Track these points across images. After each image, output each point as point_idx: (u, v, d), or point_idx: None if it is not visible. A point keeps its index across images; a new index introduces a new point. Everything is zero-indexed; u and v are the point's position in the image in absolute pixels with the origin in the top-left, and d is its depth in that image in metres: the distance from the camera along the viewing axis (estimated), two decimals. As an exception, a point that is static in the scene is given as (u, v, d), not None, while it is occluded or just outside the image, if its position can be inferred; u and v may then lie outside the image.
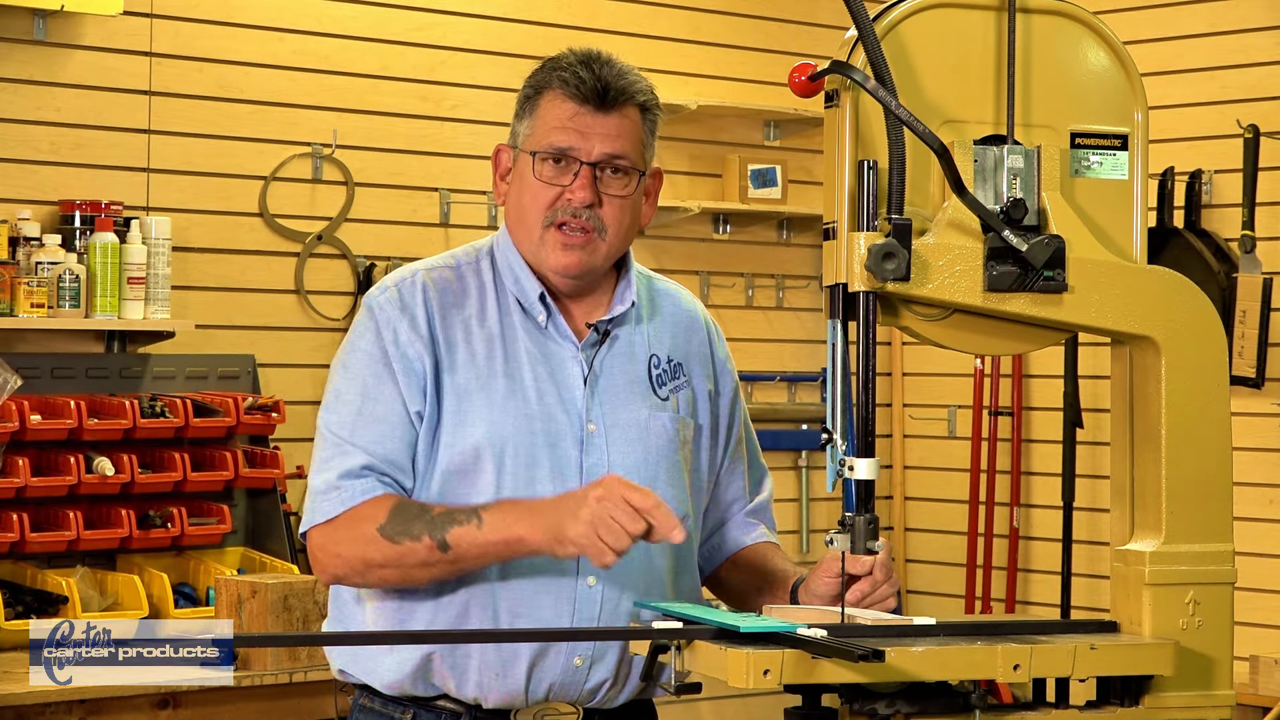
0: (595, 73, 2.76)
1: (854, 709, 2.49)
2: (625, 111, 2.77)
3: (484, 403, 2.73)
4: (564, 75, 2.77)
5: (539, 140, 2.77)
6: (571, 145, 2.75)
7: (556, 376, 2.78)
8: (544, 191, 2.76)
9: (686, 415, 2.86)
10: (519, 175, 2.80)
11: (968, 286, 2.60)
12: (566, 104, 2.76)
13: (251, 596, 4.67)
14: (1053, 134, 2.67)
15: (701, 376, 2.91)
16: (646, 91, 2.81)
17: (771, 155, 6.83)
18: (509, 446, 2.72)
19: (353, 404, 2.75)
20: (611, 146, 2.75)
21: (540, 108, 2.79)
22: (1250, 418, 6.06)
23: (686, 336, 2.92)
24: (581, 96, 2.75)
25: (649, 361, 2.85)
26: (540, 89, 2.80)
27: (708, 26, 6.75)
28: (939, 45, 2.64)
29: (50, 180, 5.34)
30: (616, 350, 2.83)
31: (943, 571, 7.09)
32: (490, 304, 2.80)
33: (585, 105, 2.75)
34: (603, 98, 2.75)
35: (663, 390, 2.85)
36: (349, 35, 5.92)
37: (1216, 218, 6.30)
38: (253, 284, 5.75)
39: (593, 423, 2.77)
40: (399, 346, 2.75)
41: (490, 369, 2.75)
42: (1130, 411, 2.71)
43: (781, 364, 6.98)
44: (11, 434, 4.97)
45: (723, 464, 2.96)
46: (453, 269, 2.84)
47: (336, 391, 2.78)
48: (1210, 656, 2.64)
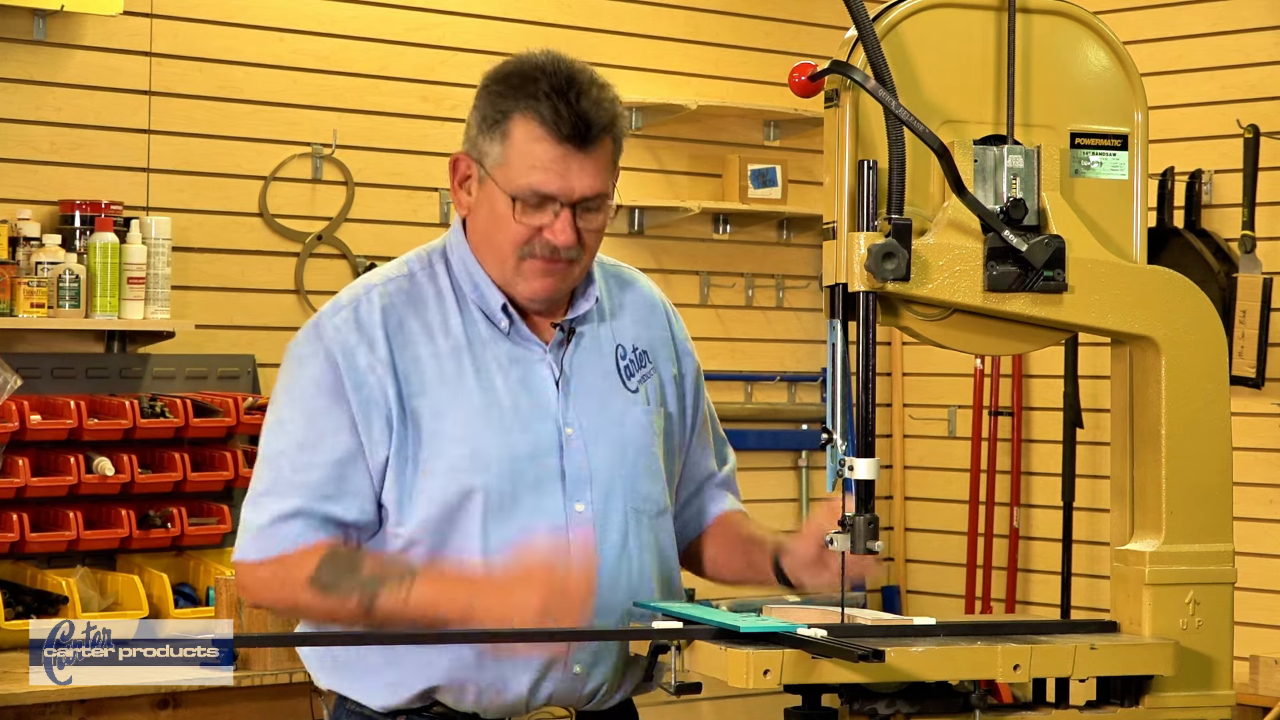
0: (574, 106, 2.60)
1: (854, 709, 2.49)
2: (603, 144, 2.64)
3: (461, 420, 2.67)
4: (541, 109, 2.60)
5: (516, 180, 2.63)
6: (554, 190, 2.62)
7: (528, 381, 2.72)
8: (521, 230, 2.65)
9: (657, 404, 2.83)
10: (489, 204, 2.67)
11: (968, 286, 2.60)
12: (545, 142, 2.61)
13: (251, 596, 4.66)
14: (1053, 134, 2.67)
15: (666, 360, 2.87)
16: (619, 110, 2.67)
17: (771, 155, 6.83)
18: (492, 465, 2.67)
19: (295, 436, 2.67)
20: (592, 187, 2.64)
21: (514, 138, 2.63)
22: (1250, 418, 6.06)
23: (648, 323, 2.87)
24: (562, 135, 2.60)
25: (616, 353, 2.81)
26: (510, 114, 2.63)
27: (708, 26, 6.75)
28: (939, 45, 2.64)
29: (50, 180, 5.34)
30: (584, 347, 2.78)
31: (943, 571, 7.09)
32: (451, 311, 2.72)
33: (565, 145, 2.61)
34: (585, 136, 2.61)
35: (632, 382, 2.81)
36: (349, 35, 5.92)
37: (1216, 218, 6.30)
38: (253, 284, 5.74)
39: (570, 426, 2.72)
40: (357, 374, 2.65)
41: (461, 384, 2.68)
42: (1130, 411, 2.71)
43: (781, 364, 6.98)
44: (11, 434, 4.96)
45: (690, 443, 2.92)
46: (407, 277, 2.74)
47: (280, 418, 2.69)
48: (1210, 656, 2.64)
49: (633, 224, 6.60)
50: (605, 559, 2.72)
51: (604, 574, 2.71)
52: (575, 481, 2.71)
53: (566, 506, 2.70)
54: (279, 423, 2.70)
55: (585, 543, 2.68)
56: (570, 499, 2.71)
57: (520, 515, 2.68)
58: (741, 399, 6.83)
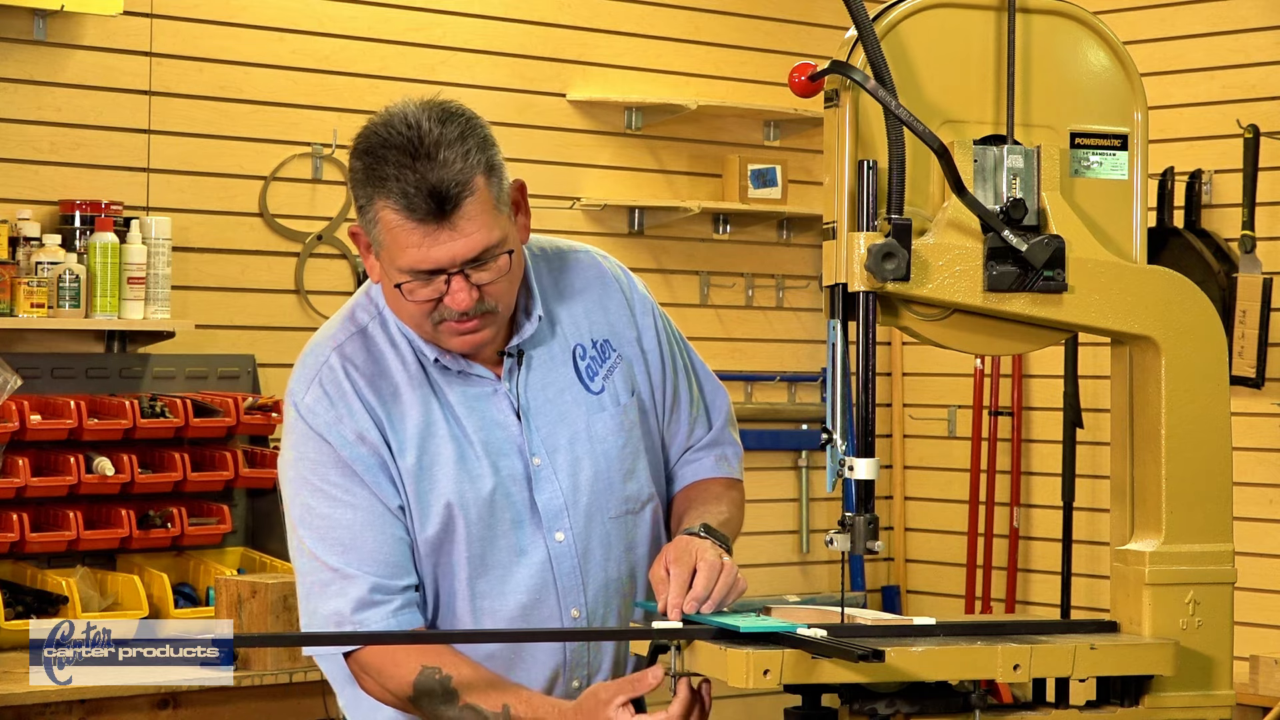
0: (425, 180, 2.49)
1: (854, 709, 2.49)
2: (468, 203, 2.52)
3: (442, 474, 2.65)
4: (393, 193, 2.51)
5: (396, 263, 2.55)
6: (430, 266, 2.54)
7: (490, 417, 2.68)
8: (420, 306, 2.59)
9: (626, 397, 2.76)
10: (388, 280, 2.60)
11: (968, 286, 2.60)
12: (405, 226, 2.51)
13: (251, 596, 4.67)
14: (1053, 134, 2.67)
15: (630, 338, 2.80)
16: (479, 152, 2.54)
17: (771, 155, 6.83)
18: (470, 510, 2.65)
19: (328, 519, 2.64)
20: (470, 249, 2.53)
21: (381, 224, 2.54)
22: (1250, 418, 6.06)
23: (603, 305, 2.79)
24: (419, 215, 2.50)
25: (574, 355, 2.75)
26: (373, 200, 2.53)
27: (708, 26, 6.75)
28: (939, 45, 2.64)
29: (50, 180, 5.35)
30: (537, 365, 2.73)
31: (943, 571, 7.09)
32: (409, 360, 2.68)
33: (427, 222, 2.51)
34: (442, 208, 2.50)
35: (596, 381, 2.75)
36: (349, 35, 5.92)
37: (1216, 218, 6.30)
38: (253, 284, 5.75)
39: (536, 455, 2.69)
40: (350, 445, 2.63)
41: (433, 434, 2.66)
42: (1130, 411, 2.71)
43: (781, 364, 6.98)
44: (11, 434, 4.97)
45: (672, 398, 2.83)
46: (360, 333, 2.69)
47: (305, 506, 2.65)
48: (1210, 656, 2.64)
49: (633, 224, 6.60)
50: (593, 579, 2.72)
51: (593, 592, 2.72)
52: (550, 512, 2.69)
53: (546, 539, 2.70)
54: (307, 511, 2.66)
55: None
56: (549, 530, 2.70)
57: (500, 557, 2.68)
58: (741, 399, 6.83)
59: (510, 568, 2.68)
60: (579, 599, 2.71)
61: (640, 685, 2.48)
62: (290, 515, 2.69)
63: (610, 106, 6.50)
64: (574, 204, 6.42)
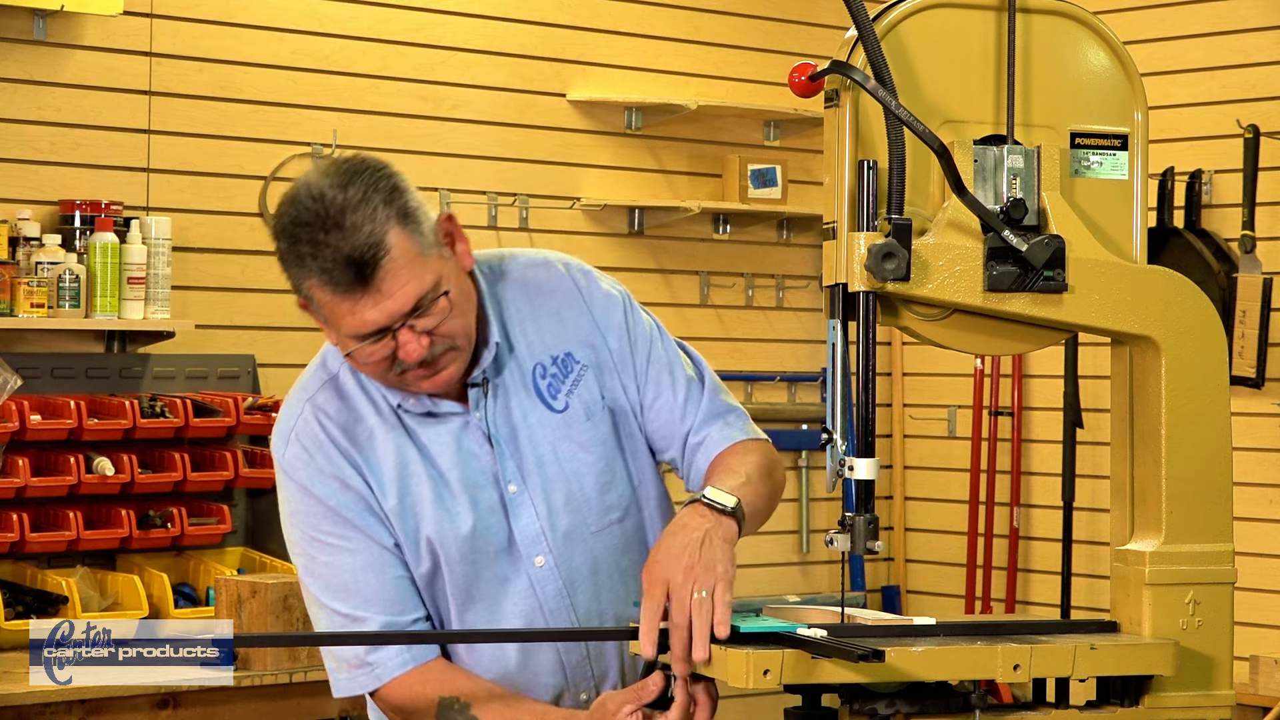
0: (336, 248, 2.50)
1: (854, 709, 2.49)
2: (386, 262, 2.50)
3: (424, 513, 2.67)
4: (314, 273, 2.53)
5: (339, 333, 2.58)
6: (371, 329, 2.53)
7: (466, 450, 2.68)
8: (378, 365, 2.59)
9: (596, 407, 2.72)
10: (343, 350, 2.61)
11: (968, 286, 2.60)
12: (335, 299, 2.53)
13: (251, 596, 4.67)
14: (1053, 134, 2.67)
15: (594, 345, 2.74)
16: (385, 207, 2.52)
17: (771, 155, 6.83)
18: (451, 548, 2.67)
19: (329, 566, 2.68)
20: (403, 306, 2.52)
21: (314, 301, 2.57)
22: (1250, 418, 6.06)
23: (559, 316, 2.74)
24: (343, 287, 2.51)
25: (534, 374, 2.71)
26: (301, 281, 2.57)
27: (708, 26, 6.75)
28: (939, 45, 2.64)
29: (50, 180, 5.35)
30: (503, 390, 2.70)
31: (943, 571, 7.09)
32: (381, 404, 2.69)
33: (352, 292, 2.51)
34: (361, 274, 2.50)
35: (559, 399, 2.71)
36: (349, 35, 5.92)
37: (1216, 218, 6.30)
38: (253, 284, 5.75)
39: (511, 483, 2.69)
40: (335, 493, 2.67)
41: (410, 474, 2.67)
42: (1130, 411, 2.71)
43: (781, 364, 6.98)
44: (11, 434, 4.97)
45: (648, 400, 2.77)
46: (332, 381, 2.71)
47: (308, 556, 2.70)
48: (1210, 656, 2.64)
49: (632, 224, 6.60)
50: (583, 598, 2.72)
51: (584, 610, 2.72)
52: (528, 539, 2.69)
53: (527, 565, 2.70)
54: (311, 560, 2.70)
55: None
56: (528, 557, 2.69)
57: (485, 589, 2.69)
58: (741, 399, 6.83)
59: (497, 598, 2.70)
60: (569, 619, 2.71)
61: (645, 694, 2.50)
62: (296, 566, 2.75)
63: (610, 106, 6.50)
64: (574, 204, 6.42)
